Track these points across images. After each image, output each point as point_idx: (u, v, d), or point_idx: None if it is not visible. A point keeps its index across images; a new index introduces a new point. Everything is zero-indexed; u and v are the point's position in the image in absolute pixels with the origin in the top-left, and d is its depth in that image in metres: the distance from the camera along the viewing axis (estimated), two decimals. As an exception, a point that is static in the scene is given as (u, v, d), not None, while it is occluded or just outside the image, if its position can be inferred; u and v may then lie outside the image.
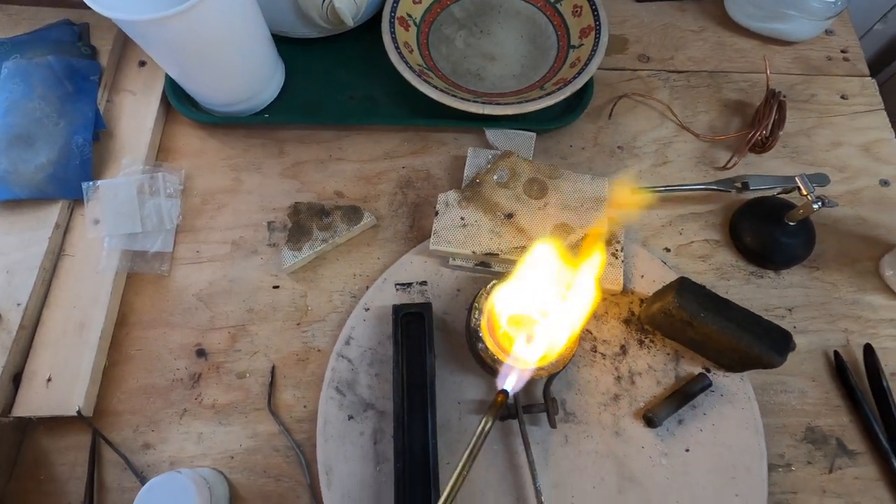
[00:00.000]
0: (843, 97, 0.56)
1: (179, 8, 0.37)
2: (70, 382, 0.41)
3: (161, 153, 0.52)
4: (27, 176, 0.46)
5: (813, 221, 0.47)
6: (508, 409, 0.39)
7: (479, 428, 0.31)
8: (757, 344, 0.36)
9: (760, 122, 0.49)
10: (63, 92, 0.49)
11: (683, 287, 0.38)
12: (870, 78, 0.57)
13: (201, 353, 0.44)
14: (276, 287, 0.46)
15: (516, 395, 0.39)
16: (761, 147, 0.50)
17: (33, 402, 0.40)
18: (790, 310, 0.46)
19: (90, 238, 0.46)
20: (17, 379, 0.41)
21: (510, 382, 0.36)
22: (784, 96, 0.52)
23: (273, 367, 0.43)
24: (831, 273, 0.47)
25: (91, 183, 0.47)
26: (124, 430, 0.41)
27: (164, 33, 0.40)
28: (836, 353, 0.43)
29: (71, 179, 0.47)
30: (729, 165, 0.51)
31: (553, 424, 0.39)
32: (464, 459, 0.30)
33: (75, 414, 0.40)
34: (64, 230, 0.47)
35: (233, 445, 0.41)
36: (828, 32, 0.59)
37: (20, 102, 0.48)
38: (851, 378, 0.42)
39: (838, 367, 0.43)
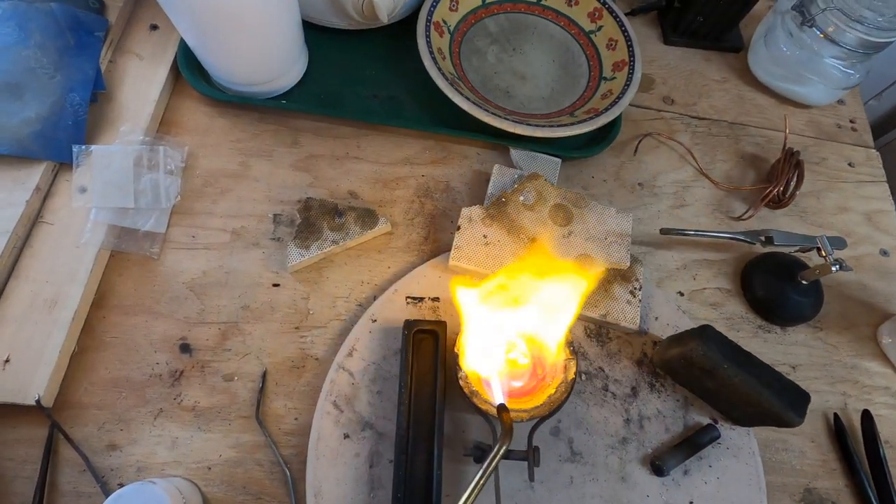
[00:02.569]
0: (850, 164, 0.58)
1: (222, -27, 0.34)
2: (31, 366, 0.36)
3: (163, 126, 0.48)
4: (10, 129, 0.41)
5: (821, 283, 0.48)
6: (483, 452, 0.35)
7: (493, 452, 0.29)
8: (777, 401, 0.35)
9: (779, 178, 0.50)
10: (63, 44, 0.45)
11: (708, 336, 0.37)
12: (874, 150, 0.59)
13: (185, 348, 0.40)
14: (276, 285, 0.43)
15: (496, 437, 0.35)
16: (777, 203, 0.51)
17: (-15, 384, 0.35)
18: (794, 367, 0.46)
19: (74, 207, 0.41)
20: (-32, 356, 0.36)
21: (499, 394, 0.34)
22: (801, 156, 0.53)
23: (265, 372, 0.40)
24: (833, 335, 0.48)
25: (83, 147, 0.43)
26: (88, 427, 0.37)
27: (196, -2, 0.37)
28: (835, 415, 0.44)
29: (60, 140, 0.42)
30: (745, 217, 0.51)
31: (532, 477, 0.35)
32: (476, 480, 0.28)
33: (33, 403, 0.35)
34: (44, 195, 0.42)
35: (211, 455, 0.37)
36: (839, 102, 0.62)
37: (13, 48, 0.43)
38: (850, 443, 0.42)
39: (837, 431, 0.43)
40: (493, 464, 0.29)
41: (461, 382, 0.36)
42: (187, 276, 0.42)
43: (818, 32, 0.53)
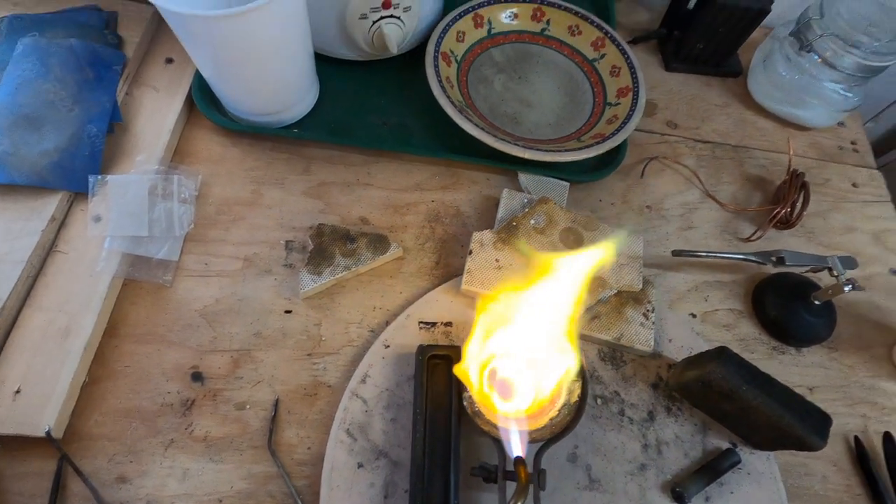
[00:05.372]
0: (854, 185, 0.58)
1: (241, 8, 0.35)
2: (43, 397, 0.36)
3: (177, 156, 0.49)
4: (29, 161, 0.42)
5: (833, 303, 0.48)
6: (489, 472, 0.34)
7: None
8: (799, 424, 0.35)
9: (786, 199, 0.51)
10: (82, 78, 0.46)
11: (726, 357, 0.37)
12: (877, 170, 0.60)
13: (197, 376, 0.39)
14: (288, 312, 0.43)
15: (502, 457, 0.35)
16: (784, 223, 0.51)
17: (-5, 416, 0.35)
18: (811, 389, 0.45)
19: (89, 236, 0.42)
20: (-21, 387, 0.36)
21: (516, 446, 0.33)
22: (806, 178, 0.53)
23: (277, 401, 0.39)
24: (848, 356, 0.47)
25: (99, 176, 0.43)
26: (98, 459, 0.36)
27: (215, 31, 0.38)
28: (856, 438, 0.43)
29: (77, 170, 0.43)
30: (753, 238, 0.51)
31: (536, 501, 0.33)
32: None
33: (43, 435, 0.35)
34: (60, 224, 0.42)
35: (223, 486, 0.36)
36: (839, 124, 0.63)
37: (34, 82, 0.44)
38: (873, 467, 0.41)
39: (860, 454, 0.42)
40: None
41: (465, 403, 0.36)
42: (200, 304, 0.42)
43: (816, 57, 0.54)
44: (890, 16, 0.53)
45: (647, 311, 0.44)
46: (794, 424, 0.35)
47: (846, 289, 0.42)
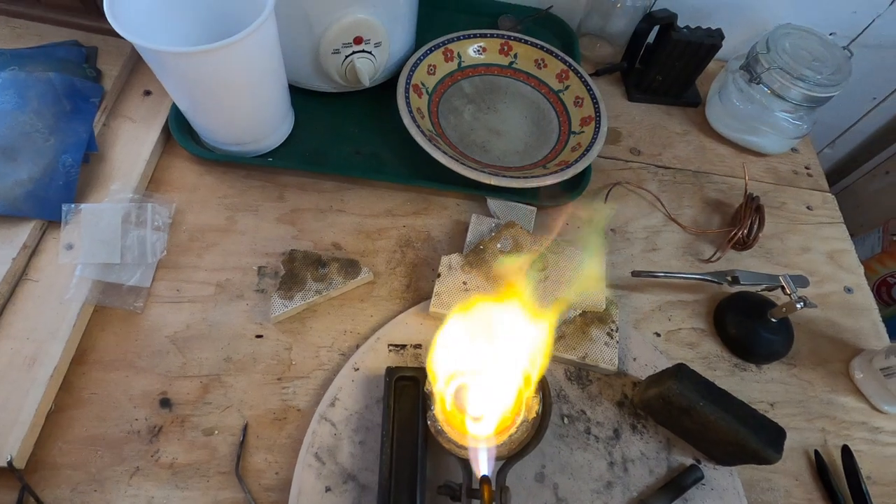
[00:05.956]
0: (808, 208, 0.61)
1: (214, 45, 0.37)
2: (6, 426, 0.36)
3: (152, 184, 0.50)
4: (3, 190, 0.42)
5: (790, 320, 0.50)
6: (452, 492, 0.34)
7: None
8: (754, 438, 0.36)
9: (742, 221, 0.53)
10: (59, 110, 0.47)
11: (682, 374, 0.38)
12: (830, 194, 0.63)
13: (166, 402, 0.40)
14: (259, 336, 0.43)
15: (467, 476, 0.34)
16: (742, 245, 0.54)
17: (-44, 446, 0.35)
18: (772, 404, 0.47)
19: (60, 264, 0.42)
20: (-59, 417, 0.35)
21: (484, 465, 0.34)
22: (761, 201, 0.56)
23: (246, 426, 0.39)
24: (807, 371, 0.49)
25: (72, 205, 0.44)
26: (61, 489, 0.36)
27: (189, 67, 0.40)
28: (816, 452, 0.44)
29: (51, 199, 0.44)
30: (713, 259, 0.54)
31: None
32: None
33: (4, 465, 0.34)
34: (31, 252, 0.43)
35: (188, 514, 0.36)
36: (793, 150, 0.66)
37: (11, 114, 0.45)
38: (833, 481, 0.42)
39: (819, 468, 0.43)
40: None
41: (428, 421, 0.36)
42: (170, 330, 0.42)
43: (766, 89, 0.57)
44: (831, 51, 0.57)
45: (612, 330, 0.45)
46: (750, 438, 0.36)
47: (798, 306, 0.44)
